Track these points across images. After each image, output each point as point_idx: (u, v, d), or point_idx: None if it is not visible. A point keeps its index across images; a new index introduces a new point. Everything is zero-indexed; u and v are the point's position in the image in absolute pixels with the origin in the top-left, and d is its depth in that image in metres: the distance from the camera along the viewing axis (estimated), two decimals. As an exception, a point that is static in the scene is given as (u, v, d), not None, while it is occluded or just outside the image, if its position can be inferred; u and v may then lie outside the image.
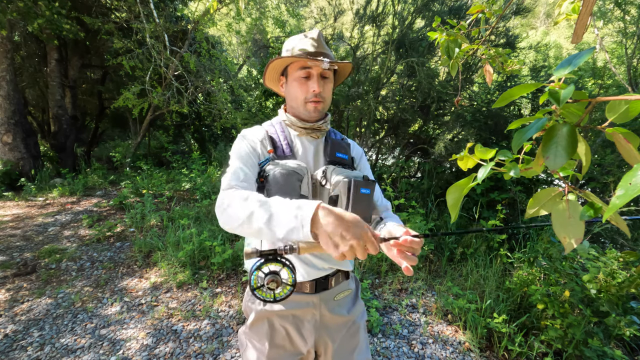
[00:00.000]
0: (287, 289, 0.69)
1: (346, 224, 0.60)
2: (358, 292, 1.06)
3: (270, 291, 0.67)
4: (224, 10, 7.41)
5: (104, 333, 2.15)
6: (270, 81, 1.01)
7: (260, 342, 0.92)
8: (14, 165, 5.65)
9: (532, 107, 3.90)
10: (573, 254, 2.06)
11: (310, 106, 0.91)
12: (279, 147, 0.91)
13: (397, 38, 4.12)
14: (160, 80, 6.13)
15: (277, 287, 0.67)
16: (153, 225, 3.85)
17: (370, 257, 2.98)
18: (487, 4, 1.24)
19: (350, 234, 0.59)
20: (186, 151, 8.31)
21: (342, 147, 0.99)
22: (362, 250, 0.60)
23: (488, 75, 1.38)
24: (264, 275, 0.67)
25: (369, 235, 0.61)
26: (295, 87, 0.91)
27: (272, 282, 0.66)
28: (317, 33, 0.91)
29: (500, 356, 1.97)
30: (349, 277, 1.03)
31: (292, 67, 0.92)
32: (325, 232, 0.61)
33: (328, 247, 0.61)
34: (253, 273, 0.66)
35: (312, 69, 0.89)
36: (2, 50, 5.44)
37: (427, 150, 4.26)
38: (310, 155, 0.95)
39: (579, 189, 0.47)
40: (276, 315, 0.91)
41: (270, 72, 0.97)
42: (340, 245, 0.60)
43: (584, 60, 0.40)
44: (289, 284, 0.68)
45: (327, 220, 0.61)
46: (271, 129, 0.96)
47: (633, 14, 5.56)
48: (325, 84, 0.92)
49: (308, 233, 0.61)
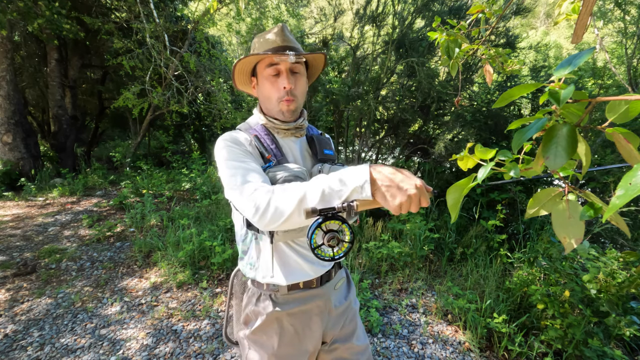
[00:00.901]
0: (345, 246, 0.68)
1: (401, 177, 0.63)
2: (349, 278, 1.10)
3: (330, 249, 0.67)
4: (224, 10, 7.41)
5: (104, 333, 2.15)
6: (242, 84, 0.98)
7: (268, 342, 0.91)
8: (14, 165, 5.65)
9: (532, 107, 3.90)
10: (573, 254, 2.06)
11: (283, 105, 0.88)
12: (271, 152, 0.88)
13: (397, 38, 4.12)
14: (160, 80, 6.13)
15: (337, 245, 0.67)
16: (153, 225, 3.85)
17: (370, 257, 2.98)
18: (487, 4, 1.24)
19: (407, 185, 0.61)
20: (186, 151, 8.31)
21: (327, 143, 0.99)
22: (418, 202, 0.62)
23: (488, 75, 1.37)
24: (324, 233, 0.66)
25: (423, 188, 0.63)
26: (267, 87, 0.88)
27: (333, 239, 0.65)
28: (281, 26, 0.88)
29: (500, 356, 1.97)
30: (341, 266, 1.07)
31: (260, 66, 0.89)
32: (383, 188, 0.62)
33: (386, 201, 0.62)
34: (313, 232, 0.65)
35: (279, 65, 0.86)
36: (2, 50, 5.44)
37: (427, 150, 4.26)
38: (298, 156, 0.94)
39: (579, 189, 0.47)
40: (286, 315, 0.91)
41: (238, 75, 0.94)
42: (398, 197, 0.61)
43: (584, 60, 0.40)
44: (347, 241, 0.68)
45: (382, 176, 0.63)
46: (255, 133, 0.91)
47: (633, 14, 5.56)
48: (297, 79, 0.88)
49: (369, 193, 0.63)
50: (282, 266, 0.89)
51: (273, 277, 0.89)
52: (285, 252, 0.89)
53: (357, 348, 1.01)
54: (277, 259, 0.89)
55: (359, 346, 1.01)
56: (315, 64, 0.98)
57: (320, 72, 1.03)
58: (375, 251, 2.94)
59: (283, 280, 0.89)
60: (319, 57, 0.94)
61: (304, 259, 0.91)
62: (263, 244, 0.89)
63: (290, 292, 0.90)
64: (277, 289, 0.90)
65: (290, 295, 0.91)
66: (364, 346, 1.03)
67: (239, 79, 0.96)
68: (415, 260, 2.97)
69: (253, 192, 0.73)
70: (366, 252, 3.02)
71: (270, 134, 0.92)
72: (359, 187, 0.64)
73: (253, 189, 0.74)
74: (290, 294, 0.91)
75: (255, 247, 0.91)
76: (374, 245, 2.98)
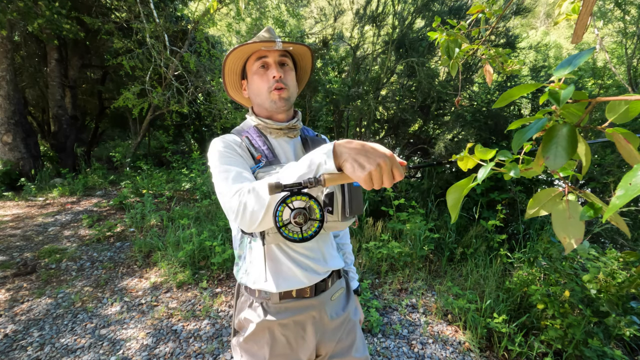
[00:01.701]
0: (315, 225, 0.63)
1: (369, 146, 0.59)
2: (349, 289, 1.06)
3: (297, 228, 0.63)
4: (224, 10, 7.41)
5: (104, 333, 2.15)
6: (232, 88, 0.98)
7: (259, 353, 0.89)
8: (14, 165, 5.65)
9: (532, 107, 3.90)
10: (573, 254, 2.06)
11: (274, 95, 0.87)
12: (262, 153, 0.87)
13: (397, 38, 4.12)
14: (160, 80, 6.14)
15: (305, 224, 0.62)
16: (153, 225, 3.85)
17: (370, 257, 2.98)
18: (487, 4, 1.24)
19: (376, 154, 0.58)
20: (186, 151, 8.31)
21: (320, 143, 0.97)
22: (389, 172, 0.57)
23: (488, 75, 1.37)
24: (290, 210, 0.62)
25: (395, 158, 0.59)
26: (256, 81, 0.89)
27: (300, 215, 0.61)
28: (267, 27, 0.90)
29: (500, 356, 1.97)
30: (340, 276, 1.03)
31: (249, 64, 0.90)
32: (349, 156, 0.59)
33: (354, 170, 0.58)
34: (278, 209, 0.61)
35: (267, 57, 0.87)
36: (2, 50, 5.44)
37: (427, 150, 4.26)
38: (292, 157, 0.92)
39: (579, 189, 0.47)
40: (278, 325, 0.88)
41: (228, 74, 0.93)
42: (367, 165, 0.57)
43: (584, 60, 0.40)
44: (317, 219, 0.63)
45: (348, 146, 0.60)
46: (247, 134, 0.91)
47: (633, 14, 5.56)
48: (286, 71, 0.89)
49: (332, 166, 0.60)
50: (275, 272, 0.87)
51: (266, 281, 0.86)
52: (278, 258, 0.88)
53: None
54: (269, 264, 0.87)
55: (357, 359, 0.98)
56: (304, 63, 0.98)
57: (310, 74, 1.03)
58: (375, 251, 2.94)
59: (275, 287, 0.86)
60: (306, 54, 0.95)
61: (298, 265, 0.88)
62: (256, 248, 0.88)
63: (283, 301, 0.88)
64: (269, 297, 0.88)
65: (282, 305, 0.88)
66: (362, 358, 1.00)
67: (229, 79, 0.96)
68: (415, 260, 2.98)
69: (234, 194, 0.73)
70: (366, 252, 3.02)
71: (262, 135, 0.91)
72: (323, 161, 0.61)
73: (234, 192, 0.74)
74: (283, 303, 0.88)
75: (249, 252, 0.90)
76: (374, 245, 2.98)
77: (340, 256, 1.03)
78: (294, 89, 0.92)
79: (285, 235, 0.63)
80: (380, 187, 0.60)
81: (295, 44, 0.90)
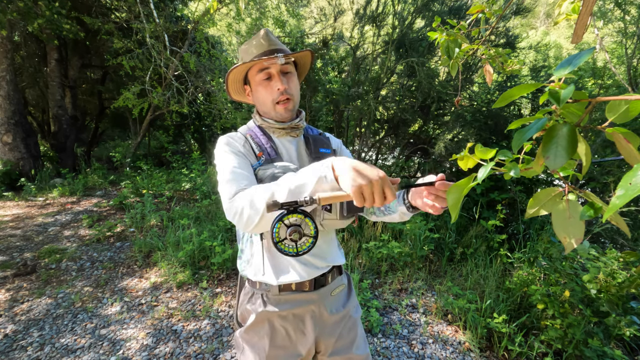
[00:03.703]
0: (309, 242, 0.68)
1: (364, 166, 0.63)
2: (351, 286, 1.07)
3: (292, 243, 0.67)
4: (224, 10, 7.41)
5: (104, 333, 2.15)
6: (236, 93, 1.01)
7: (259, 343, 0.91)
8: (14, 165, 5.65)
9: (532, 107, 3.90)
10: (573, 254, 2.06)
11: (279, 108, 0.90)
12: (264, 150, 0.90)
13: (397, 38, 4.12)
14: (160, 80, 6.13)
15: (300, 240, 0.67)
16: (153, 225, 3.85)
17: (370, 257, 2.98)
18: (487, 4, 1.24)
19: (368, 172, 0.61)
20: (186, 151, 8.31)
21: (323, 142, 0.99)
22: (381, 191, 0.61)
23: (488, 75, 1.37)
24: (286, 227, 0.66)
25: (387, 178, 0.62)
26: (261, 92, 0.91)
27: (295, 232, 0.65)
28: (265, 31, 0.90)
29: (500, 356, 1.97)
30: (342, 272, 1.05)
31: (251, 73, 0.92)
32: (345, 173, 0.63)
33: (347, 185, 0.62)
34: (275, 226, 0.65)
35: (270, 68, 0.88)
36: (2, 50, 5.44)
37: (427, 150, 4.27)
38: (294, 155, 0.95)
39: (579, 189, 0.47)
40: (277, 316, 0.91)
41: (231, 84, 0.96)
42: (359, 180, 0.61)
43: (584, 60, 0.40)
44: (311, 236, 0.67)
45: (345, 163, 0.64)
46: (251, 133, 0.94)
47: (633, 14, 5.56)
48: (289, 79, 0.91)
49: (332, 177, 0.64)
50: (273, 265, 0.90)
51: (264, 275, 0.89)
52: (277, 252, 0.90)
53: (357, 358, 0.99)
54: (268, 257, 0.90)
55: (359, 356, 1.00)
56: (303, 62, 1.00)
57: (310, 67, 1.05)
58: (375, 251, 2.94)
59: (274, 279, 0.89)
60: (306, 56, 0.97)
61: (299, 261, 0.91)
62: (256, 242, 0.91)
63: (282, 293, 0.90)
64: (269, 288, 0.91)
65: (281, 297, 0.91)
66: (364, 356, 1.01)
67: (233, 89, 0.99)
68: (415, 260, 2.97)
69: (233, 197, 0.77)
70: (366, 252, 3.02)
71: (266, 134, 0.94)
72: (323, 176, 0.65)
73: (233, 194, 0.78)
74: (282, 295, 0.91)
75: (250, 246, 0.93)
76: (374, 245, 2.98)
77: (342, 253, 1.04)
78: (297, 94, 0.95)
79: (281, 250, 0.67)
80: (371, 205, 0.63)
81: (296, 54, 0.92)
